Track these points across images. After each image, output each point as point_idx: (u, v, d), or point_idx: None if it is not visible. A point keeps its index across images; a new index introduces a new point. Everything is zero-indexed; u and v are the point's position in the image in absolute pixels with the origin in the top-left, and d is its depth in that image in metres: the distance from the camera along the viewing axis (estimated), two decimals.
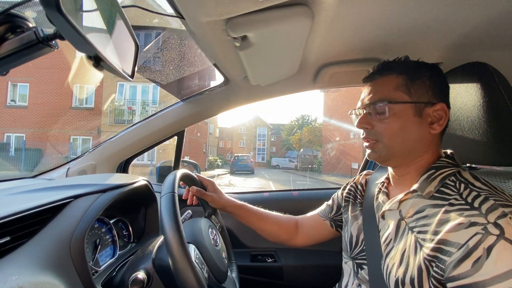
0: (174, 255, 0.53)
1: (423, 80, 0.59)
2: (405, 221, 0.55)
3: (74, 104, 13.88)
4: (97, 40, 0.35)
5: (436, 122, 0.58)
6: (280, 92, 1.07)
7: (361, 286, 0.65)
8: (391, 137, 0.59)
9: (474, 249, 0.42)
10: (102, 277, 0.68)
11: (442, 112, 0.58)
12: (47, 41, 0.38)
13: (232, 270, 0.87)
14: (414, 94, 0.58)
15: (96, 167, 1.10)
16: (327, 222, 0.86)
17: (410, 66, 0.61)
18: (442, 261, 0.45)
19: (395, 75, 0.60)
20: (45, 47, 0.39)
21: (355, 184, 0.82)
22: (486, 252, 0.41)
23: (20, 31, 0.39)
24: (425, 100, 0.58)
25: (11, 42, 0.38)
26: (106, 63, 0.36)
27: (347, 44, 0.82)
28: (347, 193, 0.82)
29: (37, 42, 0.38)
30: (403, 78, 0.59)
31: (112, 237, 0.82)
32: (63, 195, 0.63)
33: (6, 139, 13.41)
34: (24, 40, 0.38)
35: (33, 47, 0.38)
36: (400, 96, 0.58)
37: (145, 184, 0.87)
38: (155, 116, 1.13)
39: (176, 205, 0.60)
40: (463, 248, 0.43)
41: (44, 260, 0.50)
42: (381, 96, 0.59)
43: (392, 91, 0.59)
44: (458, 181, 0.53)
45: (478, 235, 0.42)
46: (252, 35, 0.59)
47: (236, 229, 1.26)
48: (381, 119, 0.59)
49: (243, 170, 19.12)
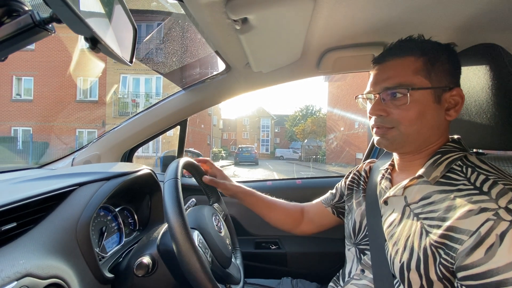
0: (177, 239, 0.53)
1: (443, 63, 0.55)
2: (410, 207, 0.55)
3: (78, 97, 13.97)
4: (94, 22, 0.34)
5: (452, 108, 0.56)
6: (283, 78, 1.05)
7: (364, 271, 0.65)
8: (409, 125, 0.55)
9: (486, 236, 0.41)
10: (109, 263, 0.69)
11: (458, 97, 0.56)
12: (43, 25, 0.37)
13: (237, 257, 0.88)
14: (434, 78, 0.54)
15: (100, 157, 1.11)
16: (329, 209, 0.87)
17: (428, 47, 0.56)
18: (453, 248, 0.44)
19: (413, 57, 0.55)
20: (41, 31, 0.38)
21: (358, 172, 0.81)
22: (499, 239, 0.40)
23: (16, 15, 0.38)
24: (443, 84, 0.55)
25: (7, 26, 0.37)
26: (103, 45, 0.35)
27: (351, 27, 0.79)
28: (350, 181, 0.81)
29: (33, 25, 0.37)
30: (422, 61, 0.55)
31: (117, 224, 0.84)
32: (68, 182, 0.63)
33: (13, 133, 13.62)
34: (21, 24, 0.37)
35: (30, 31, 0.37)
36: (420, 81, 0.54)
37: (149, 172, 0.88)
38: (157, 106, 1.12)
39: (179, 191, 0.60)
40: (475, 235, 0.42)
41: (51, 245, 0.51)
42: (400, 80, 0.55)
43: (411, 75, 0.54)
44: (465, 165, 0.52)
45: (490, 221, 0.41)
46: (253, 18, 0.58)
47: (240, 217, 1.28)
48: (398, 105, 0.55)
49: (247, 161, 19.19)
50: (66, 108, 13.62)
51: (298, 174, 13.87)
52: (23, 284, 0.41)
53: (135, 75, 13.94)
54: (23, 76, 13.78)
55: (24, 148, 13.03)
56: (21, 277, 0.42)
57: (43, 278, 0.45)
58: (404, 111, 0.55)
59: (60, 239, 0.54)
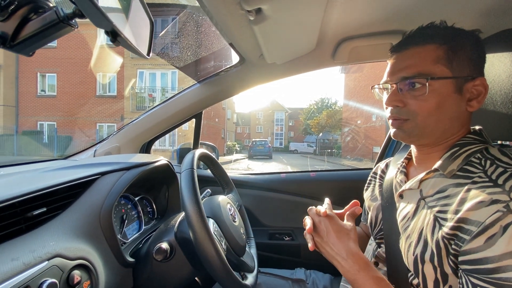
0: (194, 227, 0.55)
1: (466, 51, 0.52)
2: (425, 201, 0.53)
3: (98, 93, 14.47)
4: (114, 15, 0.35)
5: (474, 99, 0.53)
6: (297, 70, 1.04)
7: (378, 264, 0.65)
8: (427, 116, 0.52)
9: (490, 226, 0.41)
10: (130, 248, 0.73)
11: (481, 88, 0.52)
12: (67, 20, 0.39)
13: (251, 246, 0.90)
14: (456, 67, 0.51)
15: (120, 149, 1.16)
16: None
17: (451, 34, 0.53)
18: (462, 239, 0.44)
19: (434, 45, 0.52)
20: (66, 26, 0.40)
21: (374, 174, 0.80)
22: (502, 230, 0.40)
23: (41, 11, 0.40)
24: (466, 74, 0.52)
25: (34, 23, 0.40)
26: (122, 38, 0.36)
27: (368, 14, 0.77)
28: (367, 186, 0.81)
29: (58, 21, 0.39)
30: (444, 49, 0.52)
31: (137, 213, 0.88)
32: (92, 172, 0.67)
33: (39, 127, 14.39)
34: (47, 20, 0.39)
35: (55, 27, 0.39)
36: (441, 71, 0.51)
37: (166, 163, 0.91)
38: (173, 99, 1.15)
39: (195, 180, 0.62)
40: (482, 225, 0.42)
41: (77, 229, 0.55)
42: (419, 70, 0.52)
43: (431, 64, 0.52)
44: (484, 158, 0.50)
45: (498, 213, 0.41)
46: (267, 7, 0.57)
47: (254, 208, 1.29)
48: (416, 96, 0.53)
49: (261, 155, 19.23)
50: (87, 103, 14.19)
51: (312, 168, 13.77)
52: (53, 264, 0.45)
53: (152, 70, 14.23)
54: (47, 73, 14.44)
55: (49, 142, 13.76)
56: (52, 257, 0.45)
57: (71, 259, 0.48)
58: (422, 102, 0.52)
59: (85, 224, 0.57)
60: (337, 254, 0.55)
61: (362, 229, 0.86)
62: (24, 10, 0.39)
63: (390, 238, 0.60)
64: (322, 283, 0.92)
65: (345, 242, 0.56)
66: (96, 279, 0.53)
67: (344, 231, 0.58)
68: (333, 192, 1.26)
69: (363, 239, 0.80)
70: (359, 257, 0.54)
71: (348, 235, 0.57)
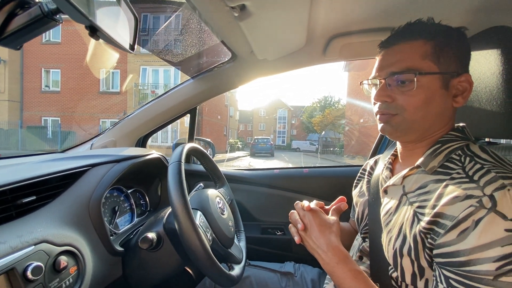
0: (179, 217, 0.57)
1: (451, 48, 0.53)
2: (406, 196, 0.55)
3: (101, 89, 14.57)
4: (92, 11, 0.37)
5: (460, 95, 0.54)
6: (289, 66, 1.05)
7: (363, 258, 0.67)
8: (414, 111, 0.53)
9: (463, 220, 0.42)
10: (121, 238, 0.75)
11: (467, 84, 0.53)
12: (51, 15, 0.41)
13: (240, 239, 0.92)
14: (443, 63, 0.52)
15: (116, 143, 1.18)
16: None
17: (437, 30, 0.54)
18: (437, 233, 0.45)
19: (422, 40, 0.53)
20: (50, 21, 0.42)
21: (363, 170, 0.81)
22: (474, 224, 0.41)
23: (27, 6, 0.42)
24: (452, 70, 0.53)
25: (20, 17, 0.41)
26: (102, 33, 0.38)
27: (357, 11, 0.78)
28: (356, 182, 0.82)
29: (42, 16, 0.41)
30: (431, 45, 0.52)
31: (130, 205, 0.90)
32: (82, 163, 0.69)
33: (43, 123, 14.54)
34: (32, 15, 0.41)
35: (40, 21, 0.41)
36: (428, 66, 0.52)
37: (158, 157, 0.93)
38: (167, 94, 1.17)
39: (182, 173, 0.63)
40: (455, 220, 0.43)
41: (66, 218, 0.57)
42: (407, 65, 0.53)
43: (419, 59, 0.53)
44: (464, 154, 0.51)
45: (471, 207, 0.42)
46: (250, 4, 0.58)
47: (248, 203, 1.31)
48: (404, 91, 0.53)
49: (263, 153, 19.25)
50: (90, 99, 14.29)
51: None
52: (40, 248, 0.47)
53: (154, 67, 14.30)
54: (51, 69, 14.55)
55: (53, 137, 13.91)
56: (38, 242, 0.48)
57: (58, 245, 0.51)
58: (410, 97, 0.53)
59: (74, 213, 0.59)
60: (318, 247, 0.57)
61: (351, 225, 0.88)
62: (10, 6, 0.41)
63: (374, 233, 0.62)
64: (310, 276, 0.94)
65: (326, 236, 0.57)
66: (83, 266, 0.55)
67: (327, 225, 0.59)
68: (325, 188, 1.28)
69: (351, 235, 0.82)
70: (339, 250, 0.56)
71: (330, 229, 0.59)
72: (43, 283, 0.46)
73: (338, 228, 0.60)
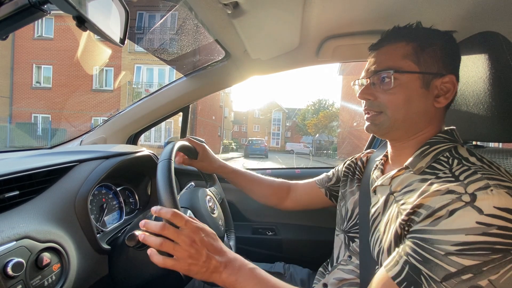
0: None
1: (435, 49, 0.55)
2: (393, 195, 0.55)
3: (94, 86, 14.35)
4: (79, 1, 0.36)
5: (442, 95, 0.55)
6: (282, 66, 1.05)
7: (352, 257, 0.67)
8: (395, 109, 0.56)
9: (438, 210, 0.43)
10: (108, 236, 0.74)
11: (450, 85, 0.55)
12: (38, 5, 0.40)
13: (230, 238, 0.91)
14: (423, 63, 0.54)
15: (106, 140, 1.16)
16: (322, 190, 0.89)
17: (421, 33, 0.57)
18: (414, 221, 0.46)
19: (404, 42, 0.56)
20: (37, 11, 0.41)
21: (355, 160, 0.82)
22: (449, 214, 0.42)
23: None
24: (434, 71, 0.55)
25: (6, 7, 0.40)
26: (90, 25, 0.37)
27: (349, 14, 0.78)
28: (346, 168, 0.83)
29: (29, 5, 0.40)
30: (412, 46, 0.55)
31: (118, 203, 0.89)
32: (70, 159, 0.68)
33: (33, 119, 14.22)
34: (18, 4, 0.40)
35: (26, 11, 0.40)
36: (407, 65, 0.54)
37: (148, 154, 0.92)
38: (160, 92, 1.15)
39: (171, 171, 0.63)
40: (431, 209, 0.44)
41: (51, 214, 0.56)
42: (388, 64, 0.56)
43: (399, 59, 0.55)
44: (452, 157, 0.52)
45: (449, 200, 0.43)
46: (243, 2, 0.58)
47: (239, 203, 1.31)
48: (386, 89, 0.56)
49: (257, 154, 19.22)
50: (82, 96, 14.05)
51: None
52: (22, 244, 0.46)
53: (149, 65, 14.16)
54: (42, 65, 14.26)
55: (43, 134, 13.62)
56: (20, 238, 0.46)
57: (41, 241, 0.49)
58: (391, 95, 0.56)
59: (59, 209, 0.58)
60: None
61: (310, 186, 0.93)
62: None
63: (364, 233, 0.62)
64: (299, 276, 0.94)
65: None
66: (67, 263, 0.54)
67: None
68: None
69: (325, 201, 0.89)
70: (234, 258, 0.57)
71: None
72: (24, 280, 0.44)
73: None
